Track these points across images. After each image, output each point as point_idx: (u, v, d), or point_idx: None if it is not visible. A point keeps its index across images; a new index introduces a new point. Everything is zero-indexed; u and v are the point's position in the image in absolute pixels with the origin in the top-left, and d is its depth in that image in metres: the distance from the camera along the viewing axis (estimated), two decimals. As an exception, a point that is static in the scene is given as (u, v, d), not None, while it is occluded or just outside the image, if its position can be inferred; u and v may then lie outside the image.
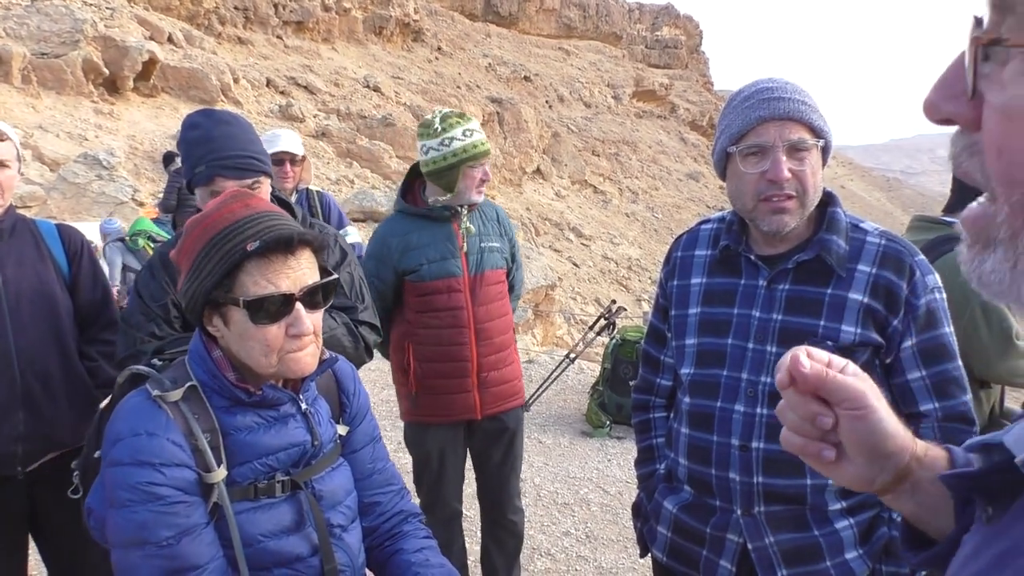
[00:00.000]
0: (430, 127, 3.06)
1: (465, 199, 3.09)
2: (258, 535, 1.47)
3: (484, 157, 3.08)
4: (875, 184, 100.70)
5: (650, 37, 64.77)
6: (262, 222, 1.43)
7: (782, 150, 1.65)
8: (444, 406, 3.16)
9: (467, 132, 3.04)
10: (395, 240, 3.11)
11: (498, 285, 3.21)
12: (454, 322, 3.08)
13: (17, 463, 2.43)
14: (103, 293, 2.72)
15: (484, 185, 3.13)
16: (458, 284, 3.09)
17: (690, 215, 39.01)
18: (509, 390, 3.26)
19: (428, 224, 3.12)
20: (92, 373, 2.63)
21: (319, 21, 33.45)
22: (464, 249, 3.11)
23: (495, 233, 3.25)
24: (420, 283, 3.08)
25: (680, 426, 1.91)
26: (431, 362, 3.12)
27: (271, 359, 1.44)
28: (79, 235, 2.72)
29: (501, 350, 3.21)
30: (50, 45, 18.13)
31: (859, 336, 1.68)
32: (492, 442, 3.27)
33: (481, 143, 3.07)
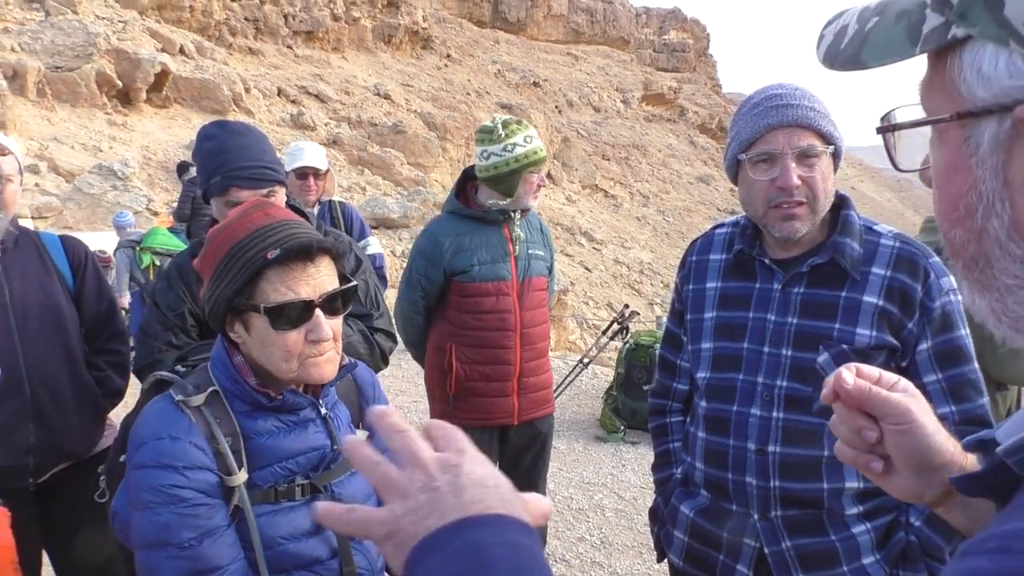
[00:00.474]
0: (492, 133, 3.10)
1: (522, 204, 3.14)
2: (278, 538, 1.49)
3: (543, 164, 3.15)
4: (886, 185, 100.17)
5: (658, 41, 64.82)
6: (282, 230, 1.45)
7: (791, 157, 1.66)
8: (482, 409, 3.16)
9: (528, 139, 3.09)
10: (447, 240, 3.12)
11: (542, 292, 3.26)
12: (501, 325, 3.12)
13: (28, 475, 2.44)
14: (108, 304, 2.73)
15: (539, 191, 3.18)
16: (507, 288, 3.13)
17: (701, 218, 38.95)
18: (544, 397, 3.29)
19: (480, 227, 3.15)
20: (100, 383, 2.64)
21: (329, 30, 33.67)
22: (515, 254, 3.15)
23: (539, 242, 3.30)
24: (470, 284, 3.10)
25: (697, 430, 1.92)
26: (475, 364, 3.14)
27: (291, 364, 1.46)
28: (83, 246, 2.73)
29: (540, 356, 3.25)
30: (64, 59, 18.34)
31: (874, 339, 1.68)
32: (525, 447, 3.28)
33: (541, 150, 3.13)
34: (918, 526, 1.70)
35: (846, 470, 1.71)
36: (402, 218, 18.03)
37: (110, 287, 2.79)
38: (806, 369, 1.72)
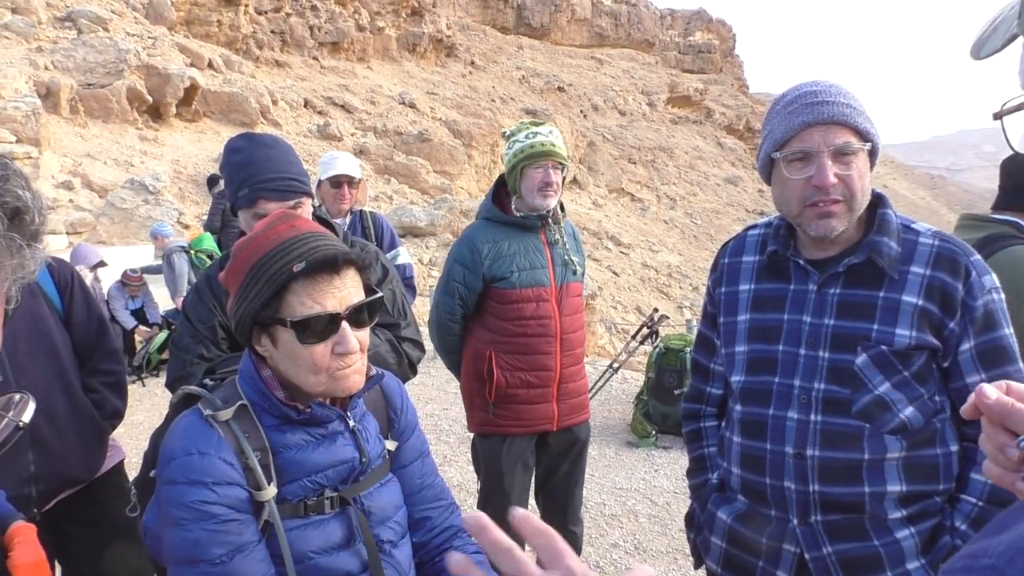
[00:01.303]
0: (507, 135, 3.15)
1: (529, 202, 3.10)
2: (309, 552, 1.47)
3: (543, 157, 3.05)
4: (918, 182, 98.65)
5: (683, 42, 64.49)
6: (308, 243, 1.44)
7: (827, 155, 1.62)
8: (523, 416, 3.15)
9: (532, 134, 3.07)
10: (486, 247, 3.11)
11: (578, 298, 3.25)
12: (542, 331, 3.11)
13: (32, 505, 2.38)
14: (98, 323, 2.68)
15: (549, 189, 3.08)
16: (546, 294, 3.12)
17: (729, 220, 38.64)
18: (581, 403, 3.29)
19: (517, 233, 3.15)
20: (98, 405, 2.60)
21: (354, 41, 33.97)
22: (552, 259, 3.16)
23: (573, 249, 3.28)
24: (510, 291, 3.10)
25: (732, 435, 1.88)
26: (516, 370, 3.13)
27: (319, 378, 1.45)
28: (68, 267, 2.69)
29: (578, 362, 3.24)
30: (96, 76, 18.69)
31: (914, 339, 1.64)
32: (562, 454, 3.28)
33: (540, 144, 3.06)
34: (964, 530, 1.65)
35: (887, 473, 1.67)
36: (429, 226, 18.09)
37: (99, 306, 2.74)
38: (844, 371, 1.68)
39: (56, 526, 2.52)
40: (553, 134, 3.11)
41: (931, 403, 1.68)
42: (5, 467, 2.29)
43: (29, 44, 18.84)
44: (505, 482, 3.18)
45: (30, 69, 17.23)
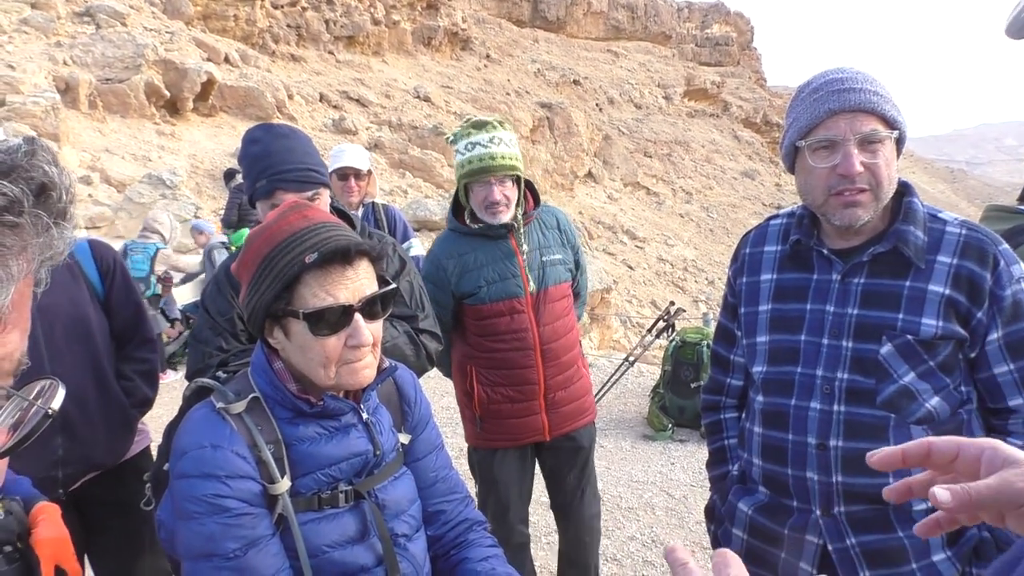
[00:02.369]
0: (453, 132, 2.92)
1: (488, 220, 2.86)
2: (323, 545, 1.46)
3: (484, 174, 2.79)
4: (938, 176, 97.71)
5: (700, 35, 64.10)
6: (320, 233, 1.42)
7: (853, 143, 1.59)
8: (511, 430, 3.01)
9: (469, 145, 2.81)
10: (450, 262, 2.93)
11: (563, 301, 3.01)
12: (519, 345, 2.91)
13: (58, 486, 2.41)
14: (135, 310, 2.68)
15: (496, 207, 2.82)
16: (521, 305, 2.90)
17: (746, 214, 38.40)
18: (579, 408, 3.08)
19: (483, 243, 2.92)
20: (128, 392, 2.60)
21: (369, 35, 33.99)
22: (525, 267, 2.91)
23: (556, 243, 3.02)
24: (480, 306, 2.91)
25: (753, 425, 1.86)
26: (497, 386, 2.97)
27: (330, 370, 1.43)
28: (111, 252, 2.69)
29: (568, 368, 3.03)
30: (114, 71, 18.80)
31: (941, 329, 1.61)
32: (565, 462, 3.12)
33: (478, 159, 2.79)
34: None
35: None
36: (443, 220, 18.07)
37: (138, 293, 2.74)
38: (868, 361, 1.66)
39: (82, 507, 2.54)
40: (495, 140, 2.80)
41: (957, 393, 1.67)
42: (35, 450, 2.32)
43: (48, 39, 18.96)
44: (500, 493, 3.07)
45: (49, 64, 17.35)
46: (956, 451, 0.84)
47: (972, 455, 0.83)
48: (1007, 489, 0.77)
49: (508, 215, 2.86)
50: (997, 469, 0.79)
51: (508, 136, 2.86)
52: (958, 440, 0.85)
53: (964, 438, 0.86)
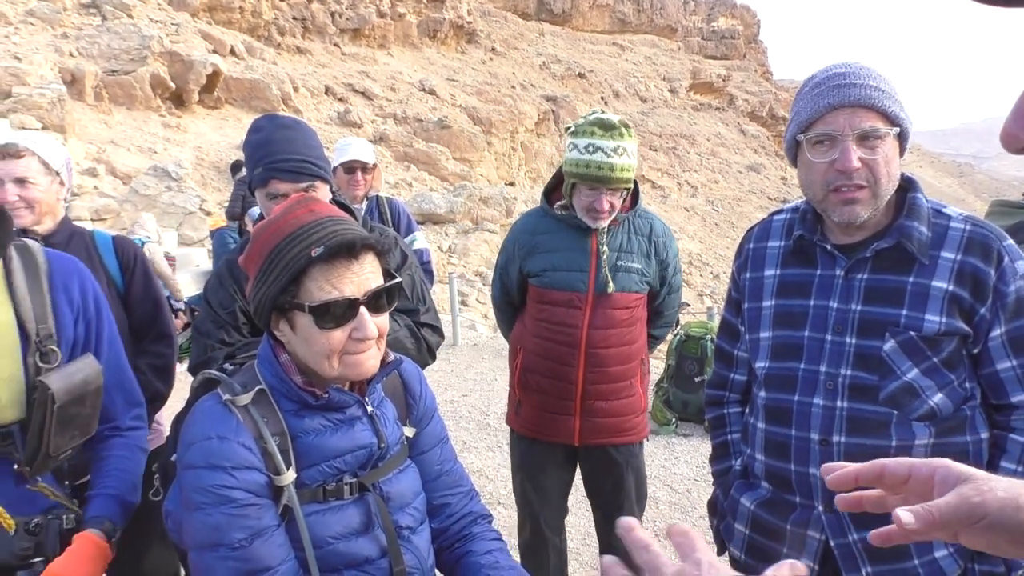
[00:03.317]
0: (581, 124, 2.79)
1: (583, 219, 2.81)
2: (328, 537, 1.47)
3: (602, 183, 2.70)
4: (945, 170, 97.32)
5: (706, 28, 63.82)
6: (326, 227, 1.43)
7: (852, 139, 1.59)
8: (543, 424, 2.95)
9: (591, 147, 2.69)
10: (525, 237, 2.92)
11: (627, 310, 2.86)
12: (566, 340, 2.84)
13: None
14: (154, 305, 2.68)
15: (598, 215, 2.75)
16: (579, 301, 2.82)
17: (751, 208, 38.31)
18: (620, 425, 2.92)
19: (565, 229, 2.86)
20: (141, 387, 2.60)
21: (375, 27, 33.94)
22: (596, 265, 2.81)
23: (640, 252, 2.88)
24: (542, 290, 2.88)
25: (756, 421, 1.87)
26: (536, 374, 2.94)
27: (333, 362, 1.44)
28: (133, 246, 2.71)
29: (616, 381, 2.88)
30: (120, 63, 18.81)
31: (944, 325, 1.62)
32: (600, 474, 3.01)
33: (597, 166, 2.68)
34: None
35: None
36: (448, 213, 18.10)
37: (158, 288, 2.75)
38: (871, 357, 1.66)
39: None
40: (619, 150, 2.68)
41: (961, 390, 1.67)
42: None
43: (54, 30, 18.97)
44: (528, 481, 3.05)
45: (55, 56, 17.37)
46: (908, 472, 0.86)
47: (924, 475, 0.85)
48: (964, 505, 0.79)
49: (607, 221, 2.80)
50: (951, 487, 0.82)
51: (631, 146, 2.75)
52: (910, 461, 0.87)
53: (916, 459, 0.88)
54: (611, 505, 3.03)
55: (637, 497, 3.04)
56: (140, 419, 2.04)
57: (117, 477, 1.90)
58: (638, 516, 3.05)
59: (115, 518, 1.82)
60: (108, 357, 1.97)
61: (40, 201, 2.47)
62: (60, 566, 1.57)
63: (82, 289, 1.95)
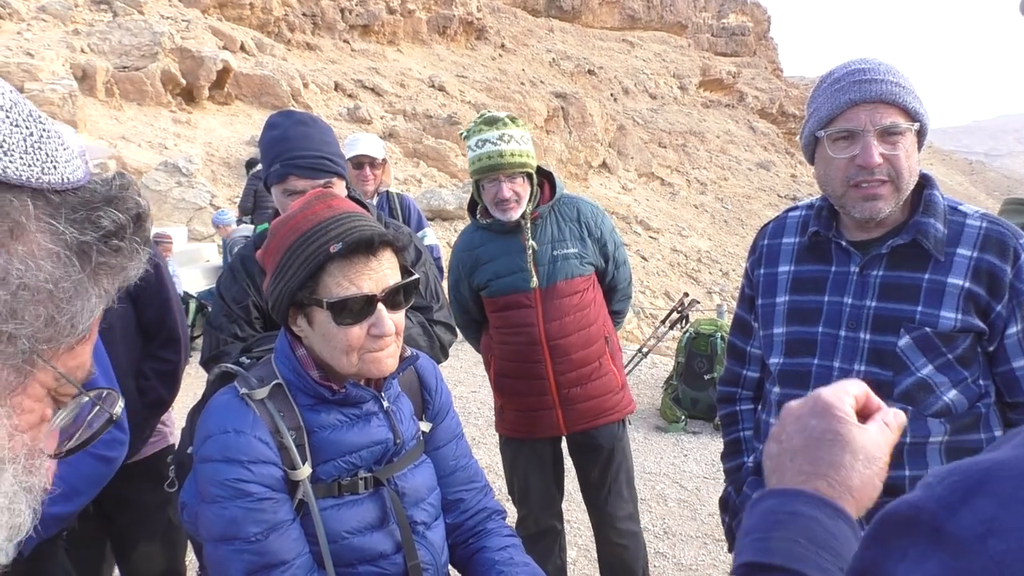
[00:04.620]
0: (467, 129, 2.92)
1: (498, 216, 2.88)
2: (343, 532, 1.48)
3: (492, 171, 2.80)
4: (956, 167, 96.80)
5: (716, 25, 63.57)
6: (345, 223, 1.44)
7: (873, 135, 1.59)
8: (527, 423, 3.02)
9: (479, 142, 2.82)
10: (466, 255, 3.02)
11: (574, 296, 2.92)
12: (527, 339, 2.91)
13: None
14: (164, 306, 2.62)
15: (506, 204, 2.82)
16: (528, 299, 2.89)
17: (761, 205, 38.18)
18: (598, 406, 2.98)
19: (495, 237, 2.95)
20: (142, 391, 2.56)
21: (384, 24, 33.94)
22: (531, 261, 2.88)
23: (573, 237, 2.95)
24: (491, 299, 2.98)
25: (769, 417, 1.87)
26: (511, 378, 3.02)
27: (352, 359, 1.45)
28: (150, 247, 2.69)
29: (582, 366, 2.94)
30: (131, 59, 18.87)
31: (960, 322, 1.61)
32: (586, 458, 3.08)
33: (487, 156, 2.79)
34: None
35: (930, 457, 1.66)
36: (457, 209, 18.07)
37: (168, 290, 2.67)
38: (885, 353, 1.66)
39: (99, 503, 2.53)
40: (504, 137, 2.79)
41: (975, 387, 1.66)
42: None
43: (66, 27, 19.05)
44: (523, 480, 3.12)
45: (67, 52, 17.44)
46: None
47: None
48: None
49: (519, 212, 2.86)
50: None
51: (519, 133, 2.85)
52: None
53: None
54: (601, 490, 3.08)
55: (627, 483, 3.11)
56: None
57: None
58: (629, 501, 3.12)
59: None
60: None
61: None
62: None
63: None
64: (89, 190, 0.68)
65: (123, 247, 0.68)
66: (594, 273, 3.02)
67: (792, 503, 0.74)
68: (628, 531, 3.11)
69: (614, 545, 3.11)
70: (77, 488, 1.82)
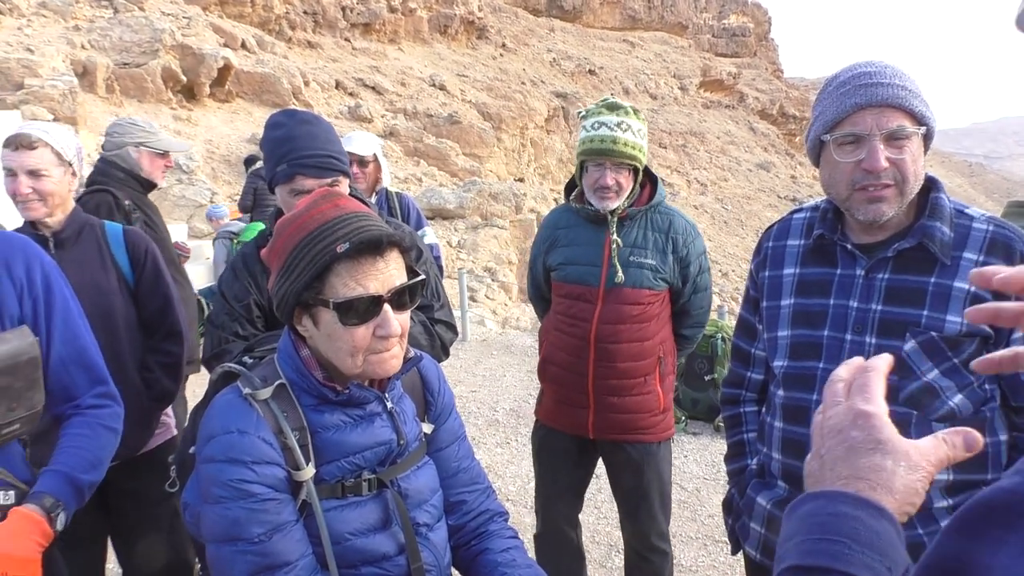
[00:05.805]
0: (587, 108, 2.87)
1: (593, 201, 2.83)
2: (346, 533, 1.47)
3: (600, 156, 2.76)
4: (956, 169, 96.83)
5: (717, 26, 63.61)
6: (352, 223, 1.43)
7: (879, 139, 1.58)
8: (559, 415, 3.00)
9: (596, 124, 2.77)
10: (548, 232, 3.02)
11: (636, 307, 2.83)
12: (578, 333, 2.87)
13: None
14: (163, 301, 2.66)
15: (605, 192, 2.78)
16: (591, 295, 2.84)
17: (761, 206, 38.21)
18: (633, 422, 2.90)
19: (581, 223, 2.91)
20: (148, 384, 2.59)
21: (385, 22, 33.95)
22: (608, 260, 2.83)
23: (655, 248, 2.85)
24: (560, 283, 2.96)
25: (773, 420, 1.86)
26: (554, 365, 3.01)
27: (357, 360, 1.44)
28: (146, 241, 2.67)
29: (627, 377, 2.86)
30: (131, 55, 18.86)
31: (966, 326, 1.60)
32: (618, 469, 3.02)
33: (600, 139, 2.75)
34: None
35: None
36: (458, 208, 18.08)
37: (167, 285, 2.71)
38: None
39: (104, 491, 2.56)
40: (623, 125, 2.74)
41: (981, 391, 1.66)
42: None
43: (66, 23, 19.03)
44: (545, 470, 3.11)
45: (67, 48, 17.42)
46: None
47: None
48: None
49: (617, 203, 2.81)
50: None
51: (637, 125, 2.79)
52: None
53: None
54: (631, 503, 3.02)
55: (661, 501, 3.01)
56: (105, 397, 1.98)
57: (69, 454, 1.84)
58: (661, 520, 3.03)
59: (59, 494, 1.74)
60: (63, 334, 1.90)
61: (53, 193, 2.45)
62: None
63: (27, 267, 1.88)
64: None
65: None
66: (667, 290, 2.92)
67: (833, 504, 0.73)
68: (656, 548, 3.03)
69: (639, 558, 3.06)
70: (100, 458, 1.90)
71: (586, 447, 3.03)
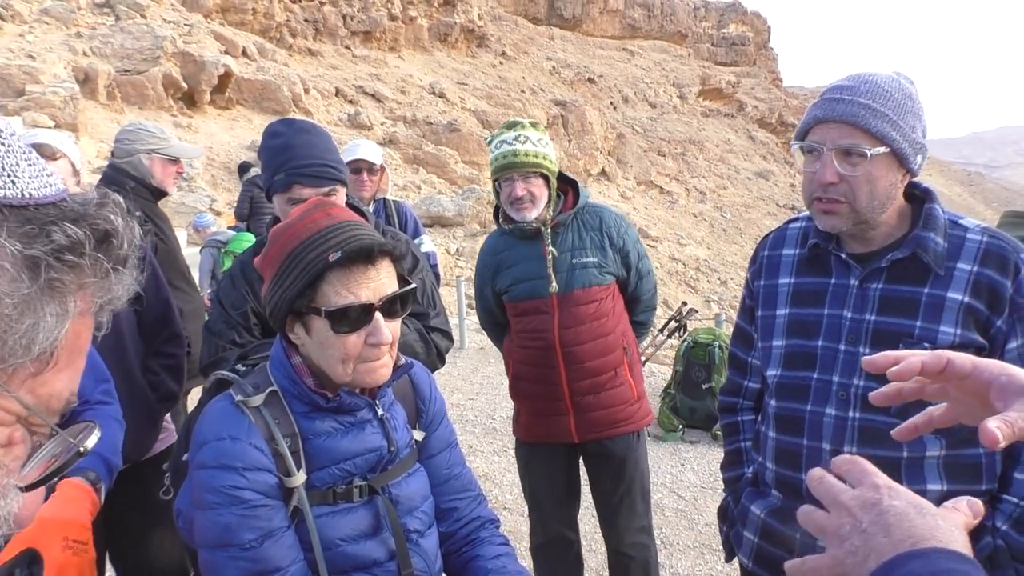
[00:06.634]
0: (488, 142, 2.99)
1: (514, 216, 2.90)
2: (337, 539, 1.48)
3: (507, 170, 2.84)
4: (955, 179, 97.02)
5: (716, 35, 63.80)
6: (344, 232, 1.44)
7: (832, 154, 1.61)
8: (541, 428, 3.04)
9: (499, 143, 2.87)
10: (490, 259, 3.07)
11: (591, 305, 2.92)
12: (542, 344, 2.93)
13: None
14: (164, 306, 2.71)
15: (520, 204, 2.85)
16: (545, 306, 2.91)
17: (759, 214, 38.26)
18: (612, 416, 2.97)
19: (518, 242, 2.98)
20: (153, 387, 2.64)
21: (386, 30, 34.04)
22: (551, 268, 2.90)
23: (593, 246, 2.95)
24: (512, 304, 3.01)
25: (768, 430, 1.87)
26: (526, 382, 3.05)
27: (347, 368, 1.45)
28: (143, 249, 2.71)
29: (597, 375, 2.94)
30: (132, 62, 18.91)
31: (959, 337, 1.61)
32: (600, 468, 3.08)
33: (503, 156, 2.84)
34: (1005, 530, 1.61)
35: (927, 472, 1.65)
36: (456, 216, 18.11)
37: (167, 290, 2.78)
38: None
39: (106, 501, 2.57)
40: (520, 138, 2.84)
41: None
42: None
43: (68, 30, 19.07)
44: (535, 486, 3.14)
45: (69, 55, 17.46)
46: (970, 370, 0.87)
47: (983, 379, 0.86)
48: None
49: (534, 213, 2.87)
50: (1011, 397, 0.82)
51: (536, 135, 2.88)
52: (974, 360, 0.88)
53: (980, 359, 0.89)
54: (610, 501, 3.06)
55: (642, 496, 3.07)
56: (109, 394, 2.04)
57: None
58: (641, 514, 3.08)
59: (97, 469, 1.80)
60: None
61: None
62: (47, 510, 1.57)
63: None
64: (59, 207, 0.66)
65: (80, 264, 0.66)
66: (614, 283, 3.02)
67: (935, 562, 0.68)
68: (639, 543, 3.07)
69: (623, 556, 3.09)
70: (119, 446, 1.99)
71: (571, 452, 3.10)
